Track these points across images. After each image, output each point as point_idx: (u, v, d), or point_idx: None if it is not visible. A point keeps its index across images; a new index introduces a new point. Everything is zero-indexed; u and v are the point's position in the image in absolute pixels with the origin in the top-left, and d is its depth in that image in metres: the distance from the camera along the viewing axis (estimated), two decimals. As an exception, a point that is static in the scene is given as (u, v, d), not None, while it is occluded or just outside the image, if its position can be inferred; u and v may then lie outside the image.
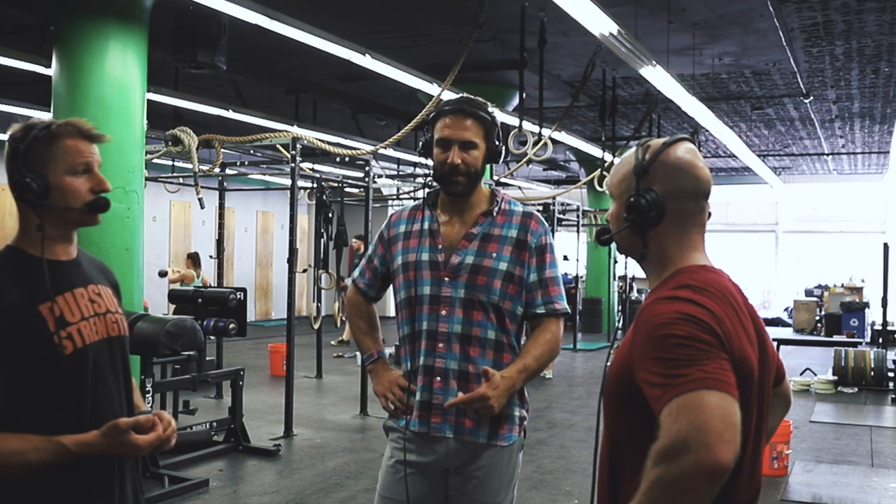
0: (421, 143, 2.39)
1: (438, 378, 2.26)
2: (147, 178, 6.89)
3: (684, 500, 1.26)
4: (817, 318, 16.66)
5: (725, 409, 1.28)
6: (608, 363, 1.56)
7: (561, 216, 13.94)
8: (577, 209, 14.14)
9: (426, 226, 2.36)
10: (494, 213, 2.33)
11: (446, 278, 2.28)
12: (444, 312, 2.26)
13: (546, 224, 2.38)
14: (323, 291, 9.24)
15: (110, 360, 1.84)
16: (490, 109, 2.36)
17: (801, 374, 10.21)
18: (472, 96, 2.42)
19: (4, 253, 1.77)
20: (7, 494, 1.68)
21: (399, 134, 7.59)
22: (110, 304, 1.89)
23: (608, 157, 11.00)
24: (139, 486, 1.91)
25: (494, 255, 2.28)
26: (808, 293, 18.07)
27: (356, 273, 2.54)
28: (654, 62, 7.05)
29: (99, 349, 1.80)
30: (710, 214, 1.60)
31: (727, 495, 1.41)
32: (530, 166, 14.94)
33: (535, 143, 8.59)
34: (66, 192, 1.75)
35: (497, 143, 2.34)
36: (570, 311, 2.38)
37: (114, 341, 1.86)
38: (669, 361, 1.34)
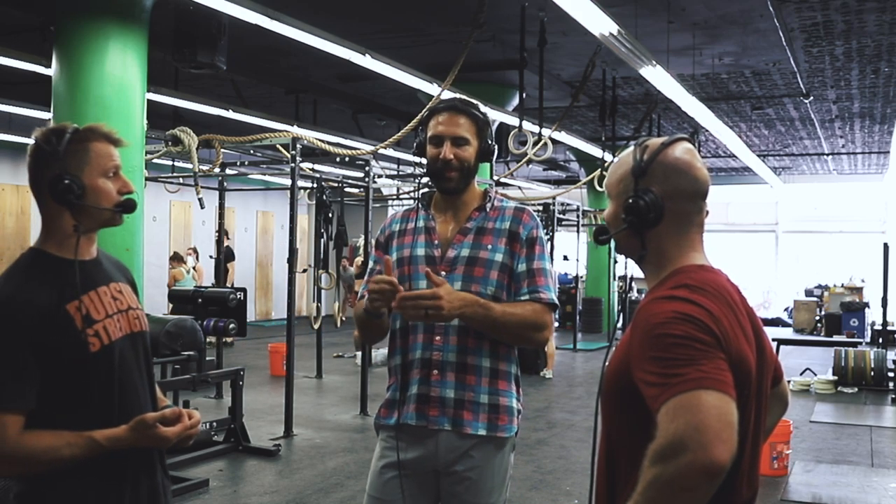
0: (416, 144, 2.41)
1: (436, 371, 2.26)
2: (147, 178, 6.90)
3: (681, 499, 1.27)
4: (817, 318, 16.66)
5: (722, 408, 1.28)
6: (606, 363, 1.56)
7: (561, 216, 13.94)
8: (577, 209, 14.14)
9: (421, 224, 2.38)
10: (487, 209, 2.36)
11: (443, 272, 2.29)
12: None
13: (537, 218, 2.39)
14: (323, 291, 9.24)
15: (134, 355, 1.90)
16: (483, 109, 2.39)
17: (801, 374, 10.21)
18: (464, 97, 2.44)
19: (30, 256, 1.84)
20: (42, 483, 1.76)
21: (399, 134, 7.59)
22: (131, 301, 1.95)
23: (608, 157, 11.01)
24: (167, 474, 1.99)
25: (490, 246, 2.30)
26: (808, 293, 18.08)
27: (362, 289, 2.53)
28: (654, 62, 7.05)
29: (124, 345, 1.87)
30: (707, 213, 1.60)
31: (727, 495, 1.41)
32: (530, 166, 14.94)
33: (535, 143, 8.59)
34: (100, 194, 1.83)
35: (490, 142, 2.37)
36: (557, 303, 2.32)
37: (136, 337, 1.92)
38: (666, 361, 1.34)
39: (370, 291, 2.17)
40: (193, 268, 12.31)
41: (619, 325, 13.14)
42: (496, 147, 2.41)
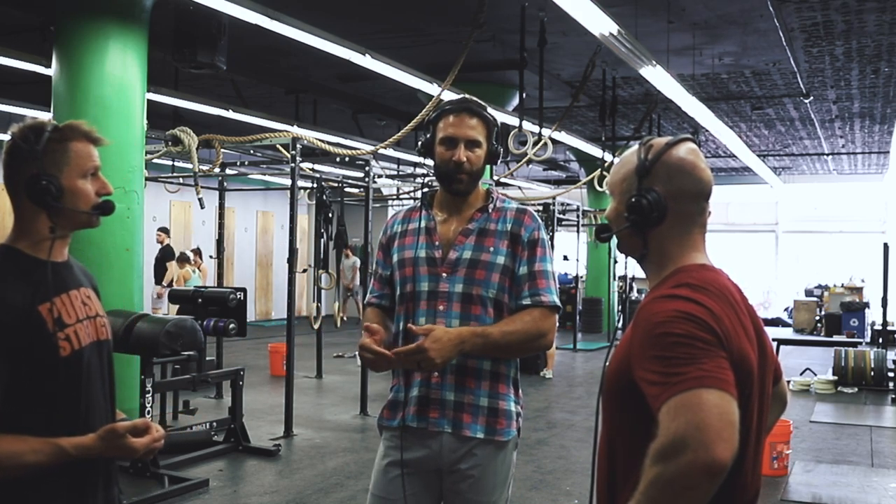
0: (420, 144, 2.39)
1: (436, 373, 2.26)
2: (147, 178, 6.89)
3: (683, 498, 1.26)
4: (817, 318, 16.67)
5: (724, 407, 1.28)
6: (607, 362, 1.56)
7: (561, 216, 13.94)
8: (577, 209, 14.14)
9: (422, 224, 2.37)
10: (490, 210, 2.35)
11: (444, 274, 2.29)
12: (441, 308, 2.27)
13: (539, 220, 2.38)
14: (323, 291, 9.24)
15: (99, 363, 1.85)
16: (489, 111, 2.38)
17: (801, 374, 10.21)
18: (474, 98, 2.43)
19: (1, 252, 1.76)
20: (3, 491, 1.70)
21: (399, 134, 7.59)
22: (98, 308, 1.90)
23: (608, 157, 11.01)
24: (120, 489, 1.94)
25: (492, 249, 2.29)
26: (808, 293, 18.08)
27: (368, 295, 2.53)
28: (654, 62, 7.05)
29: (91, 352, 1.81)
30: (710, 213, 1.60)
31: (730, 493, 1.41)
32: (530, 166, 14.95)
33: (535, 143, 8.59)
34: (78, 195, 1.77)
35: (496, 144, 2.37)
36: (560, 305, 2.32)
37: (103, 345, 1.87)
38: (668, 360, 1.34)
39: (361, 356, 2.18)
40: (198, 268, 12.33)
41: (620, 325, 13.15)
42: (501, 149, 2.41)
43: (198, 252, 12.51)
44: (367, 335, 2.19)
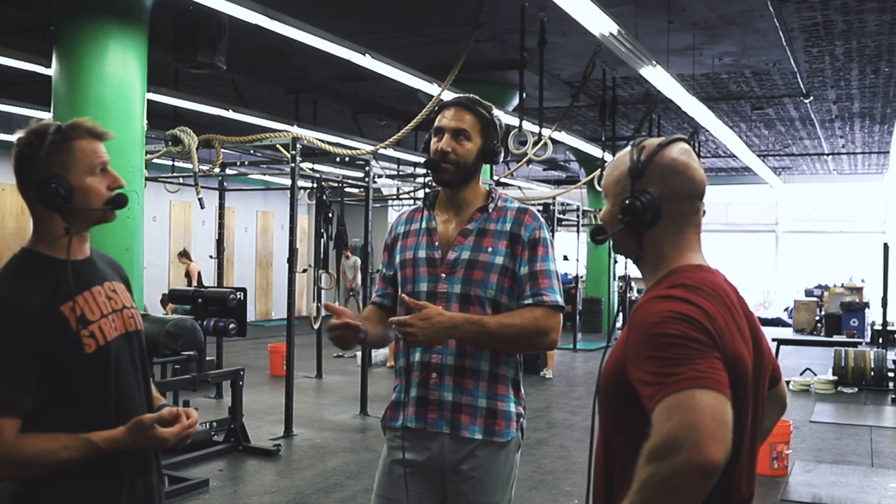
0: (425, 140, 2.41)
1: (434, 374, 2.26)
2: (147, 178, 6.90)
3: (676, 498, 1.27)
4: (817, 318, 16.66)
5: (717, 407, 1.28)
6: (603, 363, 1.56)
7: (561, 216, 13.94)
8: (577, 209, 14.15)
9: (423, 225, 2.37)
10: (490, 210, 2.34)
11: (443, 274, 2.29)
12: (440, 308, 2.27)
13: (541, 219, 2.36)
14: (323, 291, 9.24)
15: (130, 355, 1.88)
16: (494, 112, 2.37)
17: (801, 374, 10.21)
18: (475, 96, 2.43)
19: (21, 256, 1.80)
20: (38, 485, 1.74)
21: (399, 134, 7.59)
22: (125, 300, 1.92)
23: (608, 157, 11.01)
24: (161, 476, 1.97)
25: (490, 249, 2.29)
26: (808, 293, 18.08)
27: (373, 294, 2.55)
28: (654, 62, 7.05)
29: (119, 345, 1.84)
30: (704, 213, 1.60)
31: (725, 494, 1.42)
32: (530, 166, 14.95)
33: (535, 143, 8.59)
34: (89, 193, 1.79)
35: (495, 142, 2.34)
36: (563, 304, 2.30)
37: (132, 336, 1.90)
38: (662, 360, 1.34)
39: (330, 338, 2.20)
40: (187, 271, 12.34)
41: (619, 324, 13.15)
42: (502, 148, 2.38)
43: (184, 254, 12.53)
44: (336, 317, 2.19)
